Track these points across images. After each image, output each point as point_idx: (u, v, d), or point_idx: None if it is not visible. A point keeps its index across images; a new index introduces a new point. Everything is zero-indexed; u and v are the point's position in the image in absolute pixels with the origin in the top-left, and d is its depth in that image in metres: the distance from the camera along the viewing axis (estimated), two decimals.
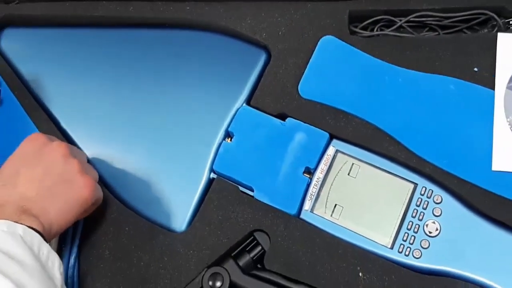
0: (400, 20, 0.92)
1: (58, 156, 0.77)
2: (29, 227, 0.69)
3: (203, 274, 0.81)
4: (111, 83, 0.93)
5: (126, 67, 0.94)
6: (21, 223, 0.69)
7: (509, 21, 0.91)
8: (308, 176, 0.84)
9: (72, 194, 0.76)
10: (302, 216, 0.84)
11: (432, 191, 0.82)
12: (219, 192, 0.86)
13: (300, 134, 0.86)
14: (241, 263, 0.81)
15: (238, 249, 0.83)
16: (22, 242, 0.67)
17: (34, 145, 0.78)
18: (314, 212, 0.83)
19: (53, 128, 0.90)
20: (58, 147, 0.78)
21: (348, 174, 0.84)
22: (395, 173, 0.84)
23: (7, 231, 0.67)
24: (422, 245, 0.80)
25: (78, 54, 0.96)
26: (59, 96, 0.93)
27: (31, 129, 0.90)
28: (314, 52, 0.90)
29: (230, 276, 0.80)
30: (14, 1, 0.98)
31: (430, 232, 0.81)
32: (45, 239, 0.70)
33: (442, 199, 0.82)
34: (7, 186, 0.74)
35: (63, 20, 0.97)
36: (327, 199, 0.84)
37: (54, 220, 0.73)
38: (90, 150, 0.89)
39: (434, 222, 0.81)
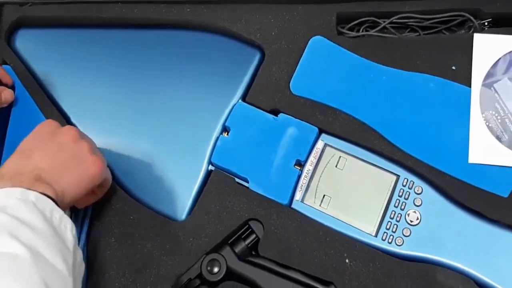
0: (384, 22, 0.89)
1: (69, 138, 0.75)
2: (41, 193, 0.66)
3: (202, 260, 0.79)
4: (116, 81, 0.90)
5: (130, 65, 0.91)
6: (34, 190, 0.66)
7: (484, 23, 0.88)
8: (299, 168, 0.82)
9: (83, 169, 0.74)
10: (293, 206, 0.81)
11: (413, 183, 0.80)
12: (217, 183, 0.83)
13: (292, 128, 0.83)
14: (237, 250, 0.79)
15: (234, 237, 0.81)
16: (35, 208, 0.64)
17: (47, 129, 0.75)
18: (304, 202, 0.81)
19: (64, 122, 0.88)
20: (69, 130, 0.76)
21: (336, 166, 0.82)
22: (379, 165, 0.81)
23: (20, 198, 0.64)
24: (404, 233, 0.78)
25: (86, 53, 0.92)
26: (69, 93, 0.90)
27: None
28: (305, 51, 0.87)
29: (227, 262, 0.78)
30: (28, 3, 0.94)
31: (411, 221, 0.78)
32: (58, 206, 0.67)
33: (422, 190, 0.80)
34: (22, 158, 0.71)
35: (73, 21, 0.94)
36: (316, 190, 0.81)
37: (66, 190, 0.71)
38: (98, 144, 0.85)
39: (415, 212, 0.79)
